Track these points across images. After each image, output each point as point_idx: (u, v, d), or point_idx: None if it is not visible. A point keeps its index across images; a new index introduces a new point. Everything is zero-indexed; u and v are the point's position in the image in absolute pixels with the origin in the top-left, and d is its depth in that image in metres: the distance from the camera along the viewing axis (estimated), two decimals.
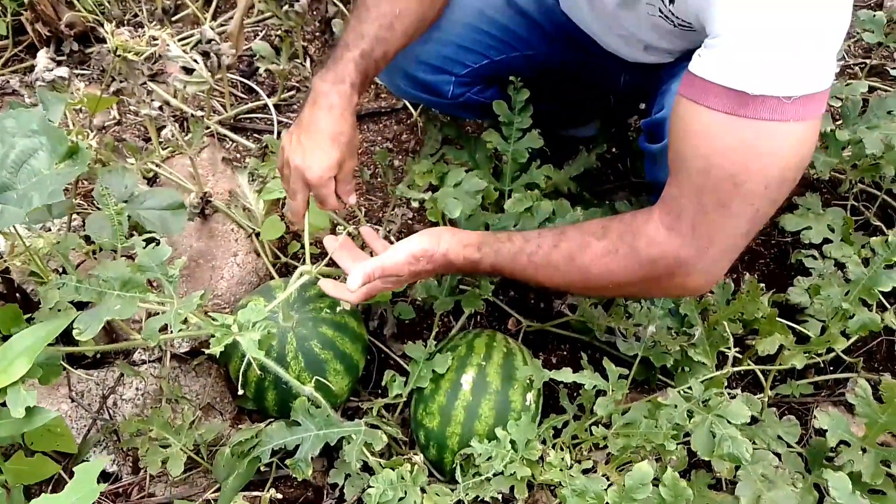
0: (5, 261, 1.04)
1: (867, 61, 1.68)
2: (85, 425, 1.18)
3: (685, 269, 0.88)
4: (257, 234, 1.44)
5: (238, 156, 1.68)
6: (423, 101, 1.38)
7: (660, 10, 0.99)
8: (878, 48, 1.65)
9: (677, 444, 0.98)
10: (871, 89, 1.58)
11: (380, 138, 1.75)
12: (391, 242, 1.11)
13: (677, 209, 0.87)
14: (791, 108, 0.76)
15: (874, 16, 1.47)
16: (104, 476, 1.17)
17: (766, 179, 0.80)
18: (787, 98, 0.75)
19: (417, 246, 1.01)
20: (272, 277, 1.43)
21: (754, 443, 1.05)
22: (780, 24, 0.75)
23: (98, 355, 1.27)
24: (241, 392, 1.04)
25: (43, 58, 1.39)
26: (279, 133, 1.70)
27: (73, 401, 1.19)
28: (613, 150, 1.57)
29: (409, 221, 1.55)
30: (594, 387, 1.06)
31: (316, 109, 1.05)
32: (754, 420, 1.06)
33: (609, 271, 0.93)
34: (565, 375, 1.06)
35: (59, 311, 0.97)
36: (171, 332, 0.92)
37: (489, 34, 1.26)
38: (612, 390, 1.06)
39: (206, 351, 0.96)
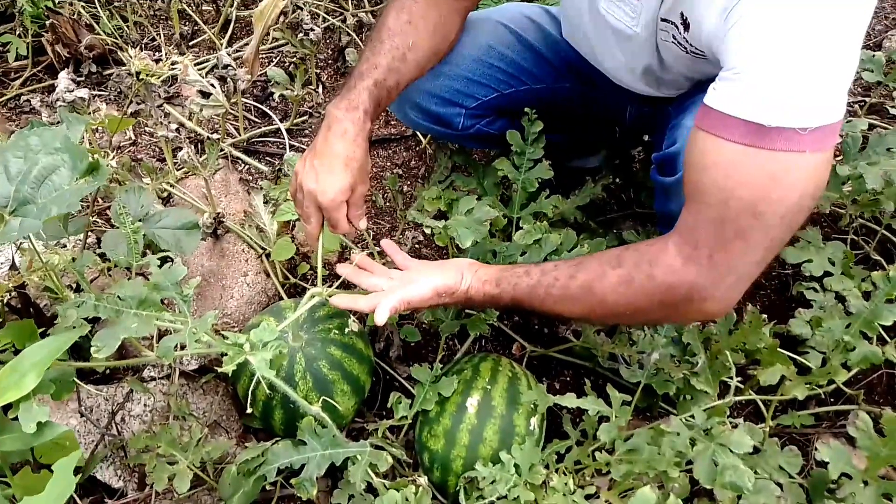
0: (22, 276, 1.06)
1: (867, 99, 1.72)
2: (93, 440, 1.19)
3: (702, 295, 0.90)
4: (267, 255, 1.46)
5: (250, 178, 1.71)
6: (433, 133, 1.42)
7: (673, 37, 1.02)
8: (877, 87, 1.69)
9: (680, 471, 0.98)
10: (871, 126, 1.61)
11: (389, 164, 1.78)
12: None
13: (694, 239, 0.89)
14: (807, 139, 0.78)
15: (873, 56, 1.51)
16: (110, 492, 1.18)
17: (784, 209, 0.82)
18: (802, 129, 0.78)
19: (441, 281, 1.04)
20: (281, 297, 1.46)
21: (756, 472, 1.06)
22: (795, 58, 0.77)
23: (108, 370, 1.29)
24: (248, 411, 1.06)
25: (64, 79, 1.43)
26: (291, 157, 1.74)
27: (82, 416, 1.20)
28: (617, 180, 1.60)
29: (418, 245, 1.58)
30: (597, 413, 1.07)
31: (330, 135, 1.08)
32: (756, 450, 1.07)
33: (626, 300, 0.95)
34: (569, 401, 1.07)
35: (74, 327, 0.99)
36: (186, 350, 0.94)
37: (499, 68, 1.30)
38: (616, 416, 1.08)
39: (218, 369, 0.98)
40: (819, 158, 0.81)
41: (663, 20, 1.01)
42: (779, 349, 1.14)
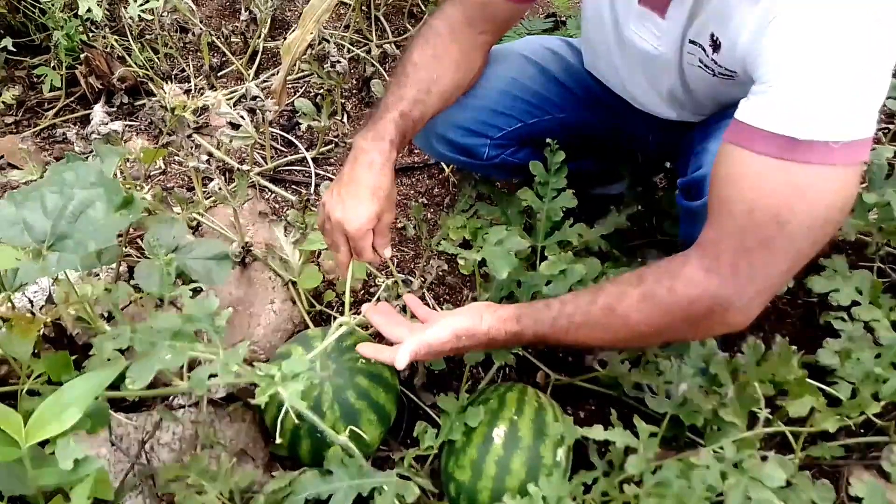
0: (58, 309, 1.09)
1: (890, 127, 1.72)
2: (122, 469, 1.21)
3: (725, 306, 0.90)
4: (293, 283, 1.48)
5: (277, 206, 1.74)
6: (458, 163, 1.44)
7: (700, 61, 1.03)
8: None
9: None
10: None
11: (413, 192, 1.80)
12: (426, 296, 1.15)
13: (716, 251, 0.89)
14: (838, 152, 0.78)
15: None
16: None
17: (810, 220, 0.82)
18: (834, 143, 0.78)
19: (461, 324, 1.05)
20: (306, 325, 1.47)
21: None
22: (829, 71, 0.78)
23: (137, 399, 1.31)
24: (278, 440, 1.07)
25: (99, 112, 1.47)
26: (317, 185, 1.77)
27: (112, 445, 1.22)
28: (640, 208, 1.60)
29: (442, 273, 1.59)
30: (624, 444, 1.07)
31: (357, 166, 1.10)
32: (787, 483, 1.06)
33: (649, 317, 0.95)
34: (597, 433, 1.07)
35: (109, 359, 1.01)
36: (218, 381, 0.95)
37: (522, 99, 1.32)
38: (644, 448, 1.07)
39: (251, 401, 0.99)
40: (849, 172, 0.81)
41: (691, 42, 1.02)
42: (808, 380, 1.14)
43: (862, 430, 1.29)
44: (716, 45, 0.97)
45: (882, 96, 0.81)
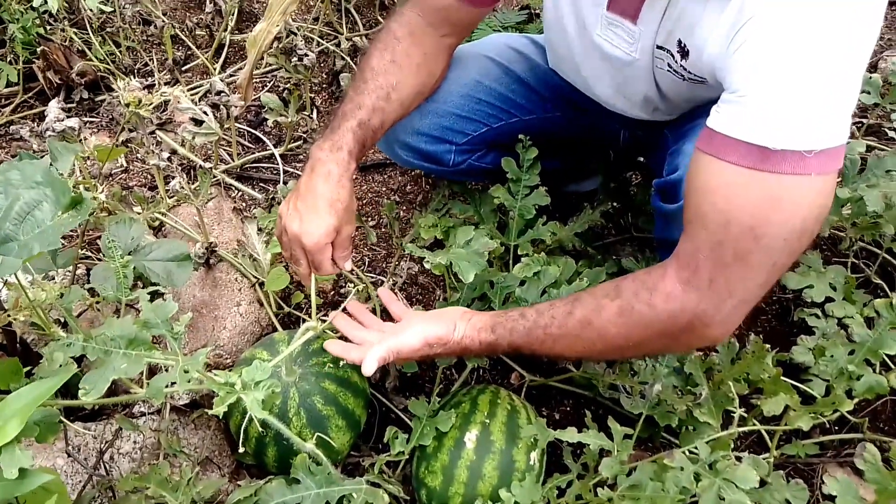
0: (9, 315, 1.04)
1: (864, 121, 1.72)
2: (80, 481, 1.16)
3: (703, 321, 0.88)
4: (261, 284, 1.44)
5: (244, 205, 1.69)
6: (424, 169, 1.40)
7: (669, 66, 1.00)
8: (874, 108, 1.69)
9: None
10: (869, 148, 1.61)
11: (385, 189, 1.76)
12: (397, 297, 1.11)
13: (694, 264, 0.87)
14: (812, 161, 0.77)
15: (870, 78, 1.50)
16: None
17: (785, 232, 0.81)
18: (807, 152, 0.76)
19: (433, 332, 1.02)
20: (274, 328, 1.43)
21: None
22: (801, 80, 0.76)
23: (95, 407, 1.26)
24: (242, 449, 1.03)
25: (54, 108, 1.41)
26: (285, 182, 1.72)
27: (69, 455, 1.17)
28: (614, 204, 1.58)
29: (414, 274, 1.56)
30: (599, 446, 1.05)
31: (314, 177, 1.06)
32: (761, 482, 1.05)
33: (627, 331, 0.92)
34: (570, 435, 1.05)
35: (60, 366, 0.97)
36: (177, 388, 0.91)
37: (487, 103, 1.29)
38: (618, 451, 1.05)
39: (209, 411, 0.95)
40: (823, 181, 0.79)
41: (659, 48, 1.00)
42: (782, 378, 1.13)
43: (836, 428, 1.29)
44: (683, 52, 0.95)
45: (853, 102, 0.79)
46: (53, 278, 1.34)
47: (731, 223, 0.82)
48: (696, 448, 1.02)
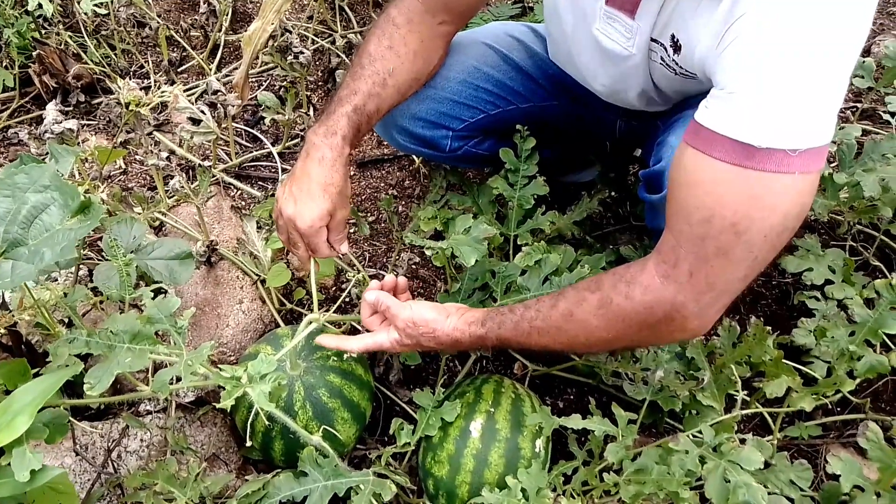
0: (13, 315, 1.04)
1: (858, 105, 1.73)
2: (89, 479, 1.16)
3: (682, 313, 0.89)
4: (262, 281, 1.45)
5: (243, 203, 1.70)
6: (422, 155, 1.41)
7: (661, 59, 1.01)
8: (867, 92, 1.69)
9: (690, 490, 0.97)
10: (864, 132, 1.62)
11: (383, 184, 1.77)
12: None
13: (674, 257, 0.87)
14: (796, 160, 0.77)
15: (864, 62, 1.51)
16: None
17: (767, 228, 0.82)
18: (792, 151, 0.77)
19: (421, 314, 1.04)
20: (277, 324, 1.44)
21: (767, 488, 1.04)
22: (789, 80, 0.77)
23: (102, 406, 1.26)
24: (248, 444, 1.03)
25: (52, 111, 1.41)
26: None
27: (77, 454, 1.17)
28: (613, 193, 1.59)
29: (415, 266, 1.56)
30: (603, 432, 1.06)
31: (308, 161, 1.08)
32: (766, 464, 1.05)
33: (608, 322, 0.93)
34: (575, 422, 1.06)
35: (67, 365, 0.97)
36: (182, 384, 0.91)
37: (485, 89, 1.29)
38: (622, 436, 1.06)
39: (217, 405, 0.96)
40: (806, 180, 0.80)
41: (653, 41, 1.00)
42: (783, 360, 1.13)
43: (838, 409, 1.30)
44: (676, 47, 0.96)
45: (839, 103, 0.80)
46: (56, 279, 1.34)
47: (714, 218, 0.82)
48: (700, 432, 1.03)
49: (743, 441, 1.04)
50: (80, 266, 1.36)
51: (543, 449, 1.13)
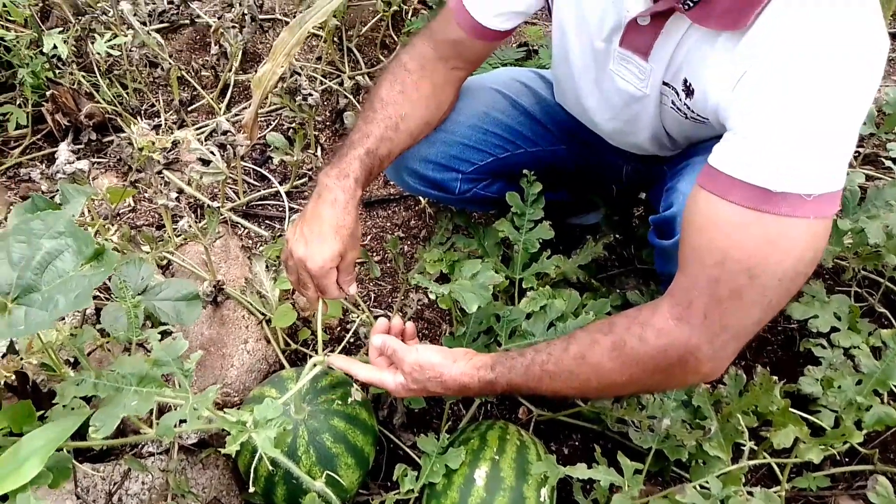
0: (22, 359, 1.04)
1: (860, 150, 1.74)
2: None
3: (696, 356, 0.88)
4: (268, 321, 1.45)
5: (250, 242, 1.71)
6: (431, 197, 1.42)
7: (672, 103, 1.02)
8: (869, 138, 1.71)
9: None
10: (867, 178, 1.63)
11: (389, 224, 1.78)
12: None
13: (688, 300, 0.87)
14: (811, 205, 0.78)
15: None
16: None
17: (781, 272, 0.82)
18: (807, 196, 0.78)
19: (428, 358, 1.03)
20: (282, 365, 1.43)
21: None
22: (804, 125, 0.78)
23: (104, 448, 1.25)
24: (251, 489, 1.02)
25: (65, 151, 1.43)
26: (291, 220, 1.74)
27: (78, 497, 1.16)
28: (617, 237, 1.60)
29: (421, 307, 1.56)
30: (609, 482, 1.05)
31: (320, 203, 1.09)
32: None
33: (621, 365, 0.93)
34: (580, 472, 1.05)
35: (73, 408, 0.97)
36: (186, 427, 0.91)
37: (494, 134, 1.31)
38: (628, 486, 1.05)
39: (221, 450, 0.95)
40: (820, 225, 0.81)
41: (665, 84, 1.02)
42: (790, 409, 1.13)
43: (847, 459, 1.28)
44: (689, 91, 0.97)
45: (852, 148, 0.81)
46: (63, 319, 1.34)
47: (728, 261, 0.83)
48: (707, 482, 1.02)
49: (751, 493, 1.03)
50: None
51: (548, 498, 1.12)
